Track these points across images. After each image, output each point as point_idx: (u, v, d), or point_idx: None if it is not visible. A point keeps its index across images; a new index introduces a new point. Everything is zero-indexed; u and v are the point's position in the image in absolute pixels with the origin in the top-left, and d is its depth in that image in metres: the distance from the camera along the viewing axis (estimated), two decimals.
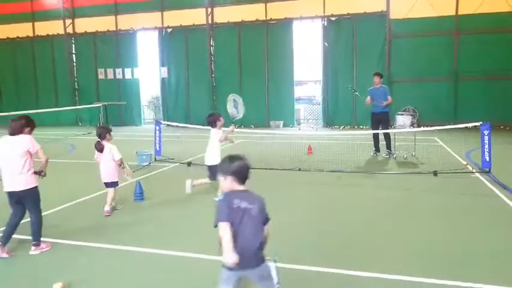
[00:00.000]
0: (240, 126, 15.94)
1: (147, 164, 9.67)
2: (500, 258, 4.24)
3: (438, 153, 10.39)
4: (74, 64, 23.39)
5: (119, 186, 6.15)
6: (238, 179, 2.78)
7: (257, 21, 19.84)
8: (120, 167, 6.01)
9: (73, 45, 23.31)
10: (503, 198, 6.48)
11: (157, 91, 22.93)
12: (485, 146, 8.02)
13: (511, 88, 16.72)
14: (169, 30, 21.24)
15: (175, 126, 13.85)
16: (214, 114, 6.78)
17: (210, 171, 6.57)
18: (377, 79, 10.45)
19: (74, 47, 23.33)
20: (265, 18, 19.75)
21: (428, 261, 4.16)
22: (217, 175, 6.63)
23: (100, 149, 5.92)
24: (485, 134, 8.01)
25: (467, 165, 8.82)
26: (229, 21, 20.21)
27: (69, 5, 22.69)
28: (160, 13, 21.23)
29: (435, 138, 13.40)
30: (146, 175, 8.65)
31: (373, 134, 10.61)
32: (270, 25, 19.79)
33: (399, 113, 10.49)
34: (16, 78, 23.83)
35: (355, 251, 4.49)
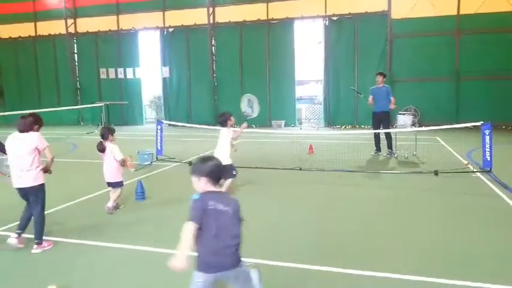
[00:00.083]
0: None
1: (149, 163, 9.70)
2: (500, 258, 4.24)
3: (439, 153, 10.40)
4: (76, 64, 23.48)
5: (123, 186, 6.17)
6: (212, 180, 2.77)
7: (258, 21, 19.87)
8: (122, 166, 6.02)
9: (75, 44, 23.41)
10: (504, 198, 6.48)
11: (158, 91, 23.00)
12: (486, 146, 8.02)
13: None
14: (170, 30, 21.29)
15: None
16: (225, 113, 6.79)
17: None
18: (380, 78, 10.46)
19: (75, 47, 23.42)
20: (266, 18, 19.78)
21: (428, 261, 4.17)
22: (230, 172, 6.73)
23: (101, 149, 5.93)
24: (486, 133, 8.00)
25: (468, 165, 8.81)
26: (231, 21, 20.25)
27: (71, 4, 22.77)
28: (161, 13, 21.28)
29: (436, 137, 13.40)
30: (147, 174, 8.68)
31: (374, 133, 10.61)
32: (271, 25, 19.81)
33: (400, 112, 10.49)
34: (18, 77, 23.92)
35: (356, 251, 4.50)
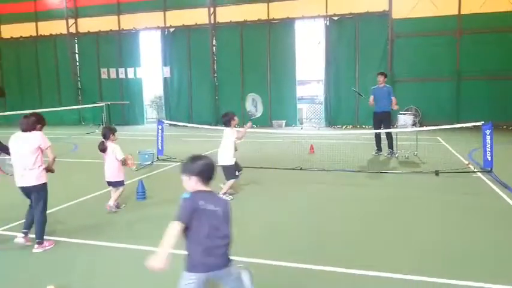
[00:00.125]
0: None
1: (150, 163, 9.71)
2: (501, 258, 4.24)
3: (440, 153, 10.39)
4: (77, 64, 23.51)
5: (125, 185, 6.20)
6: (203, 180, 2.74)
7: (259, 20, 19.87)
8: (123, 166, 6.05)
9: (76, 44, 23.44)
10: (504, 197, 6.47)
11: (159, 90, 23.01)
12: (487, 146, 8.02)
13: None
14: (171, 30, 21.31)
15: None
16: (228, 113, 6.79)
17: (225, 171, 6.62)
18: (381, 78, 10.45)
19: (76, 47, 23.45)
20: (267, 18, 19.78)
21: (430, 261, 4.17)
22: (232, 174, 6.74)
23: (103, 149, 5.97)
24: (487, 133, 8.00)
25: (469, 165, 8.80)
26: (232, 20, 20.26)
27: (72, 5, 22.80)
28: (162, 13, 21.29)
29: (437, 137, 13.40)
30: (148, 174, 8.69)
31: (375, 133, 10.61)
32: (272, 25, 19.82)
33: (401, 112, 10.50)
34: (20, 77, 23.96)
35: (358, 250, 4.50)
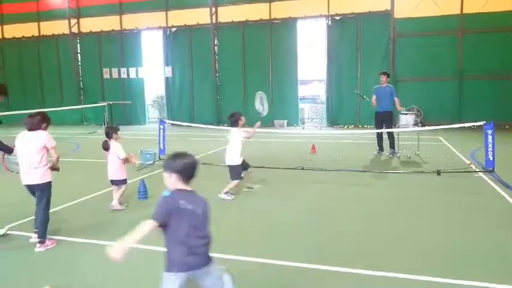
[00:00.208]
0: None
1: (151, 163, 9.73)
2: (504, 258, 4.24)
3: (442, 153, 10.36)
4: (79, 63, 23.57)
5: (127, 184, 6.24)
6: (184, 178, 2.70)
7: (261, 20, 19.87)
8: (126, 163, 6.11)
9: (78, 44, 23.49)
10: (506, 197, 6.47)
11: (161, 90, 23.04)
12: (489, 146, 8.01)
13: None
14: (173, 30, 21.33)
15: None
16: (235, 114, 6.82)
17: (231, 171, 6.65)
18: (384, 78, 10.44)
19: (79, 47, 23.51)
20: (269, 18, 19.78)
21: (433, 261, 4.17)
22: (238, 174, 6.76)
23: (106, 148, 6.07)
24: (489, 133, 7.99)
25: (470, 165, 8.80)
26: (233, 20, 20.26)
27: (74, 4, 22.85)
28: (164, 13, 21.32)
29: (439, 137, 13.38)
30: (150, 174, 8.70)
31: (377, 133, 10.61)
32: (274, 24, 19.81)
33: (403, 112, 10.49)
34: (22, 77, 24.02)
35: (361, 250, 4.51)
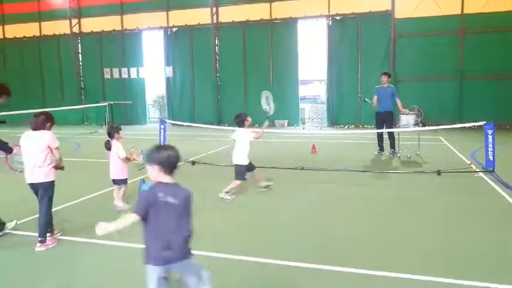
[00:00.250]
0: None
1: None
2: (505, 258, 4.25)
3: (442, 153, 10.37)
4: (80, 63, 23.59)
5: (128, 183, 6.26)
6: (165, 170, 2.71)
7: (262, 20, 19.88)
8: (126, 163, 6.14)
9: (79, 44, 23.52)
10: (506, 197, 6.47)
11: (162, 90, 23.05)
12: (489, 146, 8.00)
13: None
14: (174, 30, 21.35)
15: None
16: (241, 114, 6.84)
17: (236, 170, 6.69)
18: (385, 78, 10.45)
19: (80, 47, 23.53)
20: (269, 18, 19.79)
21: (434, 260, 4.18)
22: (241, 175, 6.76)
23: (108, 147, 6.12)
24: (489, 133, 7.99)
25: (471, 165, 8.81)
26: (234, 20, 20.28)
27: (75, 4, 22.88)
28: (165, 13, 21.34)
29: (440, 137, 13.38)
30: None
31: (378, 133, 10.61)
32: (274, 24, 19.82)
33: (402, 110, 10.48)
34: (23, 77, 24.04)
35: (362, 250, 4.52)
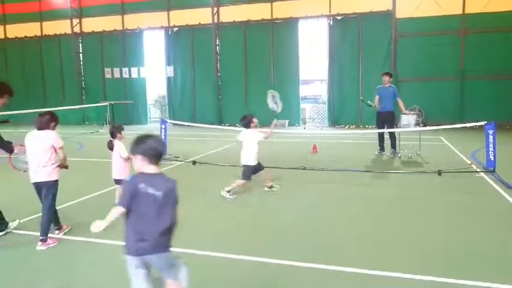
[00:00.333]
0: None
1: None
2: (506, 258, 4.25)
3: (443, 153, 10.36)
4: (81, 63, 23.62)
5: None
6: (149, 159, 2.66)
7: (263, 20, 19.89)
8: (128, 163, 6.16)
9: (80, 44, 23.54)
10: (507, 197, 6.47)
11: (163, 90, 23.08)
12: (490, 146, 8.00)
13: None
14: (175, 30, 21.36)
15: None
16: (247, 116, 6.90)
17: (243, 171, 6.76)
18: (386, 78, 10.44)
19: (81, 47, 23.56)
20: (270, 18, 19.80)
21: (435, 260, 4.18)
22: (247, 176, 6.79)
23: (110, 147, 6.14)
24: (490, 133, 7.98)
25: (471, 165, 8.80)
26: (235, 20, 20.28)
27: (76, 4, 22.91)
28: (166, 12, 21.36)
29: (440, 137, 13.37)
30: None
31: (378, 133, 10.62)
32: (275, 24, 19.83)
33: (404, 112, 10.49)
34: (24, 77, 24.08)
35: (359, 249, 4.52)
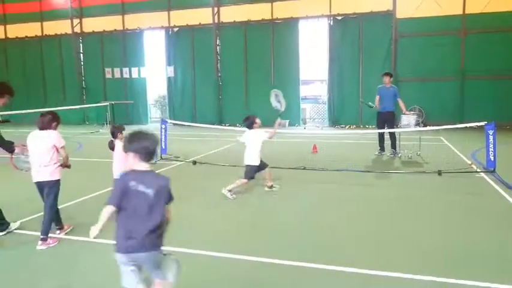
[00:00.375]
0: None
1: (153, 162, 9.73)
2: (506, 258, 4.25)
3: (443, 153, 10.36)
4: (82, 63, 23.63)
5: None
6: (141, 157, 2.64)
7: (263, 20, 19.89)
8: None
9: (81, 44, 23.55)
10: (507, 197, 6.47)
11: (163, 90, 23.09)
12: (490, 146, 8.00)
13: None
14: (175, 30, 21.37)
15: None
16: (250, 117, 6.98)
17: (246, 170, 6.82)
18: (387, 79, 10.44)
19: (81, 47, 23.57)
20: (271, 18, 19.80)
21: (435, 260, 4.18)
22: (249, 175, 6.72)
23: (111, 147, 6.13)
24: (490, 133, 7.99)
25: (471, 165, 8.80)
26: (236, 20, 20.29)
27: (76, 4, 22.92)
28: (167, 12, 21.37)
29: (441, 137, 13.36)
30: None
31: (379, 133, 10.61)
32: (276, 24, 19.83)
33: (405, 112, 10.49)
34: (25, 77, 24.09)
35: (359, 249, 4.53)
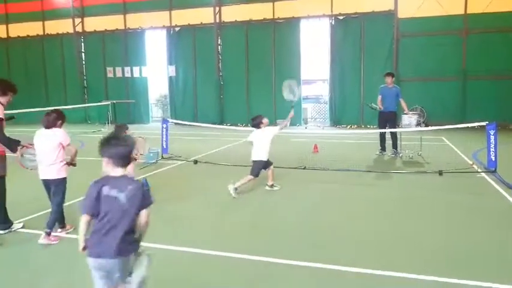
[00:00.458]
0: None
1: (154, 162, 9.78)
2: (506, 258, 4.25)
3: (444, 153, 10.36)
4: (83, 62, 23.64)
5: None
6: (114, 162, 2.61)
7: (265, 20, 19.88)
8: (132, 162, 6.20)
9: (82, 43, 23.56)
10: (508, 198, 6.46)
11: (165, 89, 23.10)
12: (491, 146, 8.00)
13: None
14: (177, 29, 21.38)
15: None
16: (257, 117, 7.11)
17: (253, 166, 6.94)
18: (389, 79, 10.43)
19: (83, 46, 23.58)
20: (272, 17, 19.78)
21: (433, 260, 4.19)
22: (256, 172, 6.80)
23: None
24: (491, 133, 7.98)
25: (473, 165, 8.79)
26: (237, 20, 20.29)
27: (78, 4, 22.94)
28: (168, 12, 21.37)
29: (442, 137, 13.35)
30: (153, 172, 8.76)
31: (380, 133, 10.61)
32: (277, 24, 19.82)
33: (405, 112, 10.49)
34: (27, 76, 24.10)
35: (360, 249, 4.53)
